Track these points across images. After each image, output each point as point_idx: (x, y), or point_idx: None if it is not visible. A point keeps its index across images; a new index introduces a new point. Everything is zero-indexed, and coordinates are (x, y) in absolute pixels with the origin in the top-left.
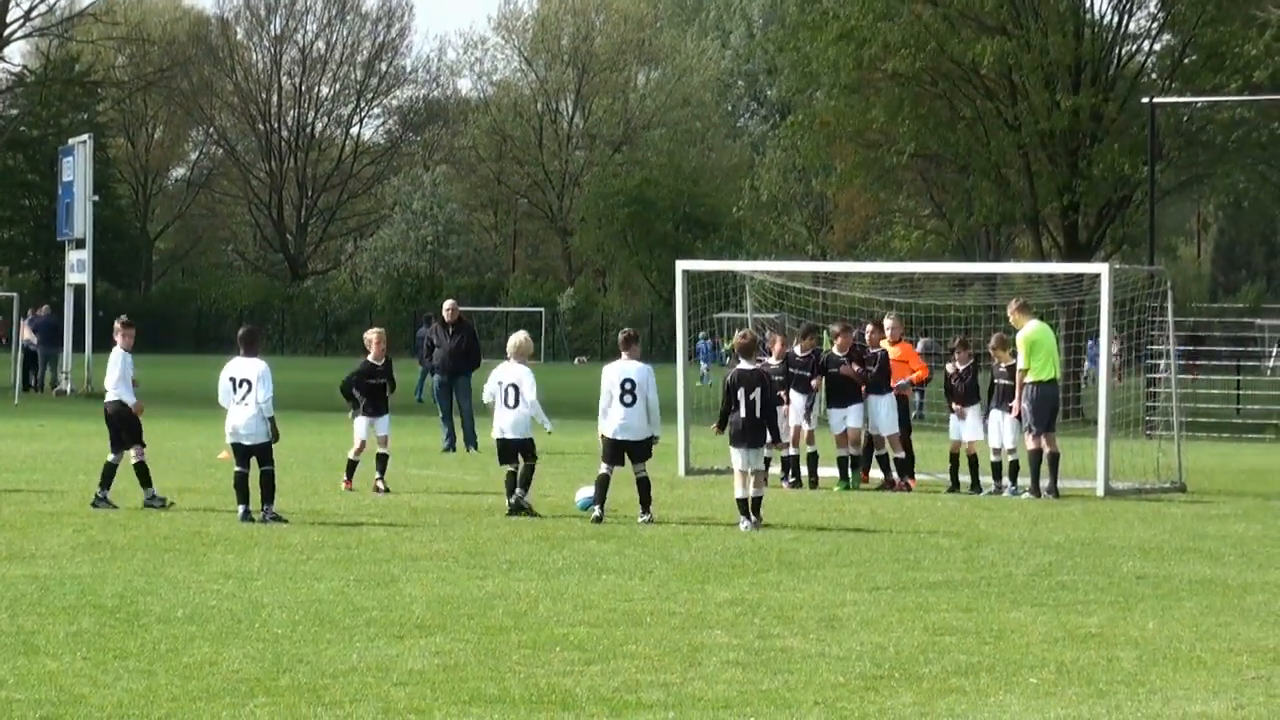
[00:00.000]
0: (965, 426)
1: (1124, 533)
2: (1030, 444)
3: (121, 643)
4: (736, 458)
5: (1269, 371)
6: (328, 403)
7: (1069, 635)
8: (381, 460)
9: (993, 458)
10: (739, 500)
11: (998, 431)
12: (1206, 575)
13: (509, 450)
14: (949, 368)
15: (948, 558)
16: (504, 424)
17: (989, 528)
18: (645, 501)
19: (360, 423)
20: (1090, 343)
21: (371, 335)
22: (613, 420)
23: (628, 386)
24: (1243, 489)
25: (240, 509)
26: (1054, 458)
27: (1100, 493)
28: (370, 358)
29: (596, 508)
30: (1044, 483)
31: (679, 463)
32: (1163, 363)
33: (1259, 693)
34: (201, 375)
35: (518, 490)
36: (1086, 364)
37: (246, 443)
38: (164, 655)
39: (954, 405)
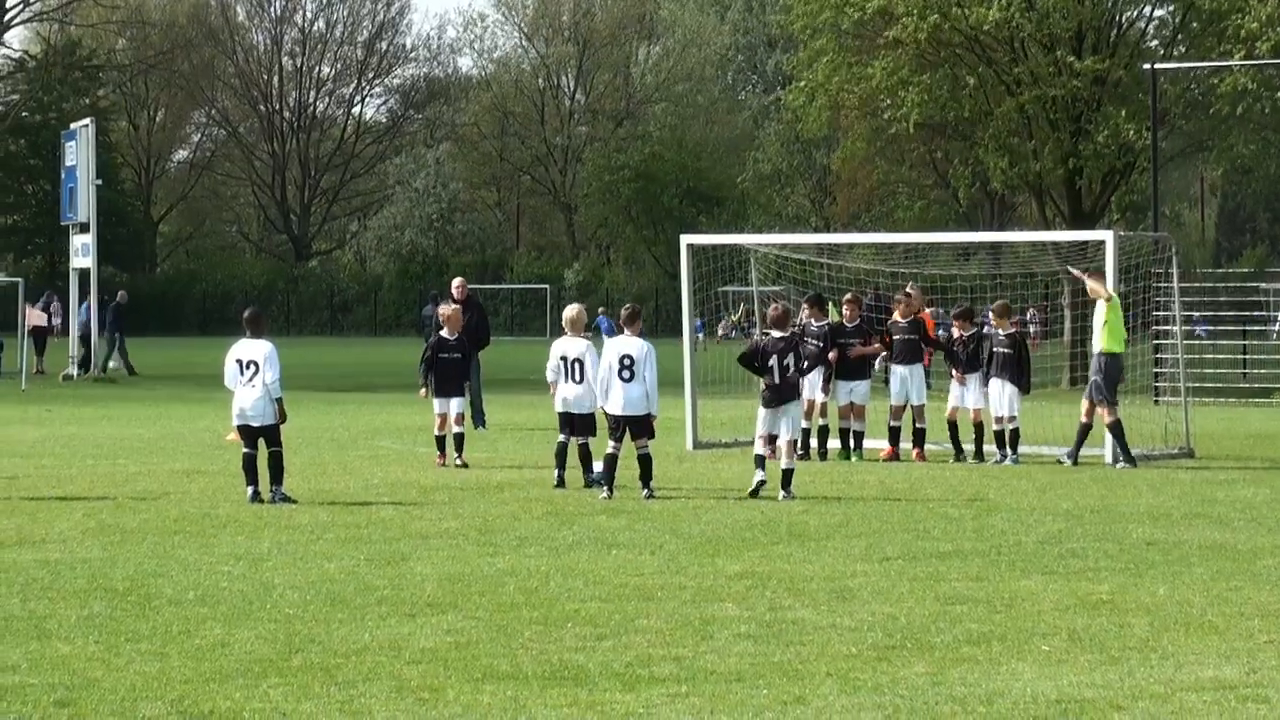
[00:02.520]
0: (968, 394)
1: (1133, 499)
2: (1108, 416)
3: (133, 625)
4: (764, 419)
5: (1275, 335)
6: (335, 383)
7: (1080, 602)
8: (459, 438)
9: (995, 426)
10: (757, 456)
11: (998, 400)
12: (1216, 540)
13: (570, 422)
14: (953, 332)
15: (958, 527)
16: (568, 396)
17: (998, 496)
18: (646, 478)
19: (436, 403)
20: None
21: (446, 311)
22: (614, 397)
23: (626, 363)
24: (1250, 453)
25: (249, 490)
26: (1115, 426)
27: (1109, 460)
28: (444, 333)
29: (605, 488)
30: (1100, 451)
31: (687, 436)
32: (1168, 328)
33: (1271, 656)
34: (208, 357)
35: (591, 471)
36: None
37: (254, 424)
38: (176, 637)
39: (954, 372)
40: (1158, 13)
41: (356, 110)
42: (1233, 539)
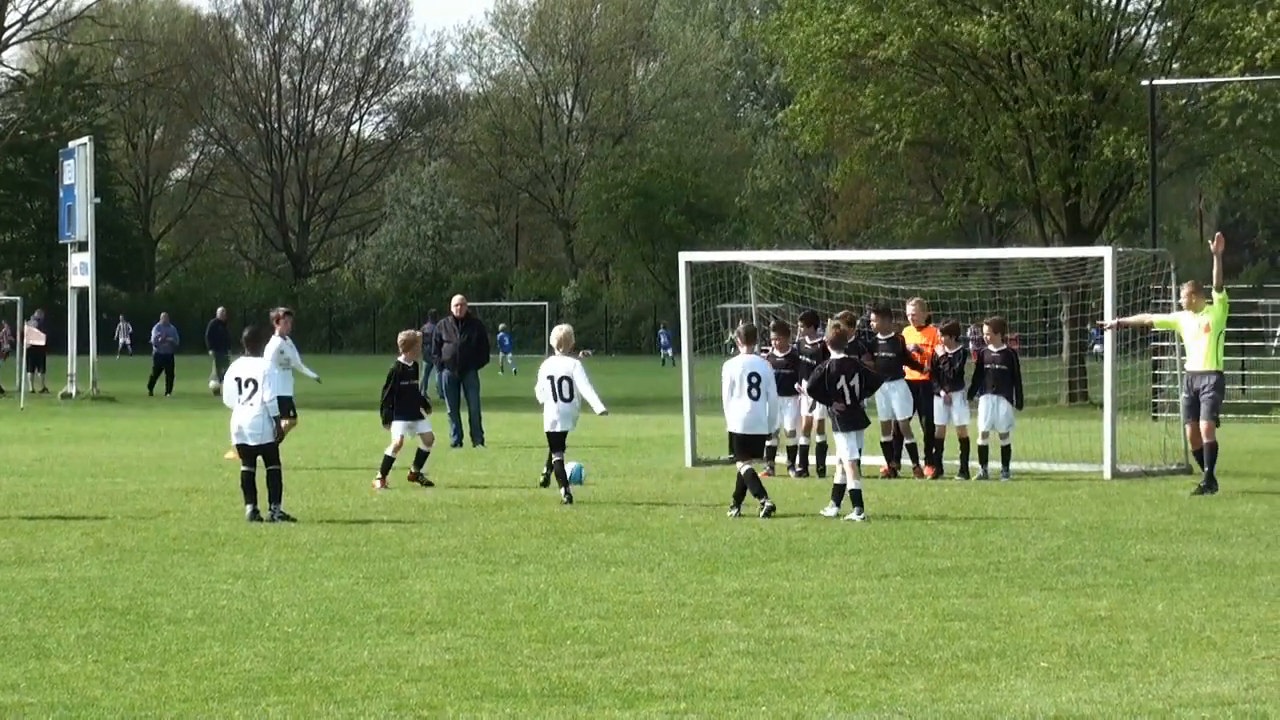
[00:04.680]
0: (954, 411)
1: (1131, 515)
2: (1208, 435)
3: (132, 644)
4: (843, 444)
5: (1274, 351)
6: (334, 401)
7: (1079, 619)
8: (421, 456)
9: (980, 441)
10: (852, 491)
11: (990, 416)
12: (1214, 556)
13: (562, 441)
14: (938, 350)
15: (956, 543)
16: (556, 416)
17: (996, 512)
18: (751, 494)
19: (398, 426)
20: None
21: (404, 337)
22: (735, 415)
23: (754, 380)
24: (1249, 469)
25: (248, 509)
26: (1214, 448)
27: (1107, 475)
28: (401, 359)
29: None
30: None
31: (685, 453)
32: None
33: (1269, 672)
34: (206, 376)
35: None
36: (1095, 346)
37: (252, 443)
38: (175, 656)
39: (941, 390)
40: (1156, 27)
41: (355, 128)
42: (1231, 555)
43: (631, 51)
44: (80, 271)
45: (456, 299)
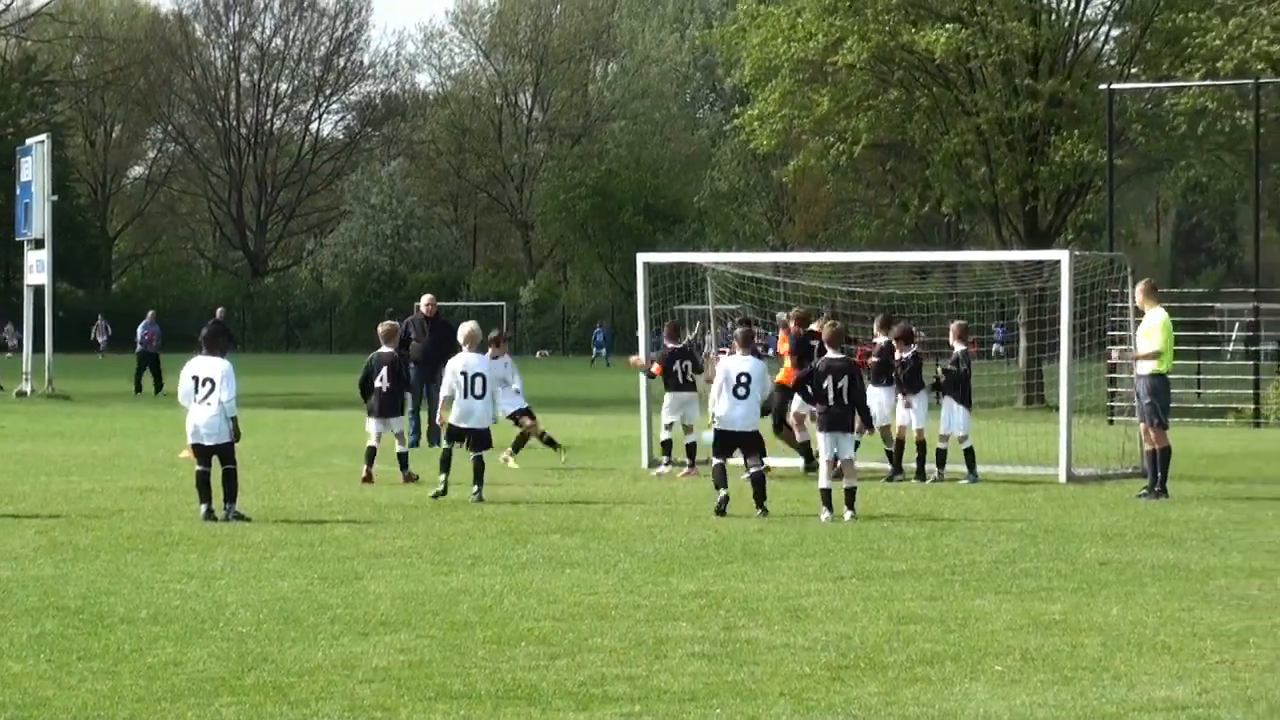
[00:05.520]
0: (914, 414)
1: (1086, 519)
2: (1157, 441)
3: (85, 644)
4: (824, 445)
5: (1229, 355)
6: (291, 400)
7: (1033, 622)
8: (402, 456)
9: (939, 444)
10: (822, 490)
11: (947, 419)
12: (1169, 560)
13: (463, 436)
14: (898, 356)
15: (911, 546)
16: (468, 411)
17: (952, 515)
18: (760, 497)
19: (371, 424)
20: (998, 328)
21: (384, 328)
22: (724, 412)
23: (743, 380)
24: (1204, 473)
25: (202, 508)
26: (1167, 452)
27: (1062, 479)
28: (383, 350)
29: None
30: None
31: (642, 455)
32: (1119, 349)
33: (1223, 677)
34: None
35: (483, 484)
36: (996, 346)
37: (208, 442)
38: (128, 656)
39: (901, 394)
40: (1114, 32)
41: (314, 127)
42: (1186, 559)
43: (591, 52)
44: (37, 269)
45: (426, 298)
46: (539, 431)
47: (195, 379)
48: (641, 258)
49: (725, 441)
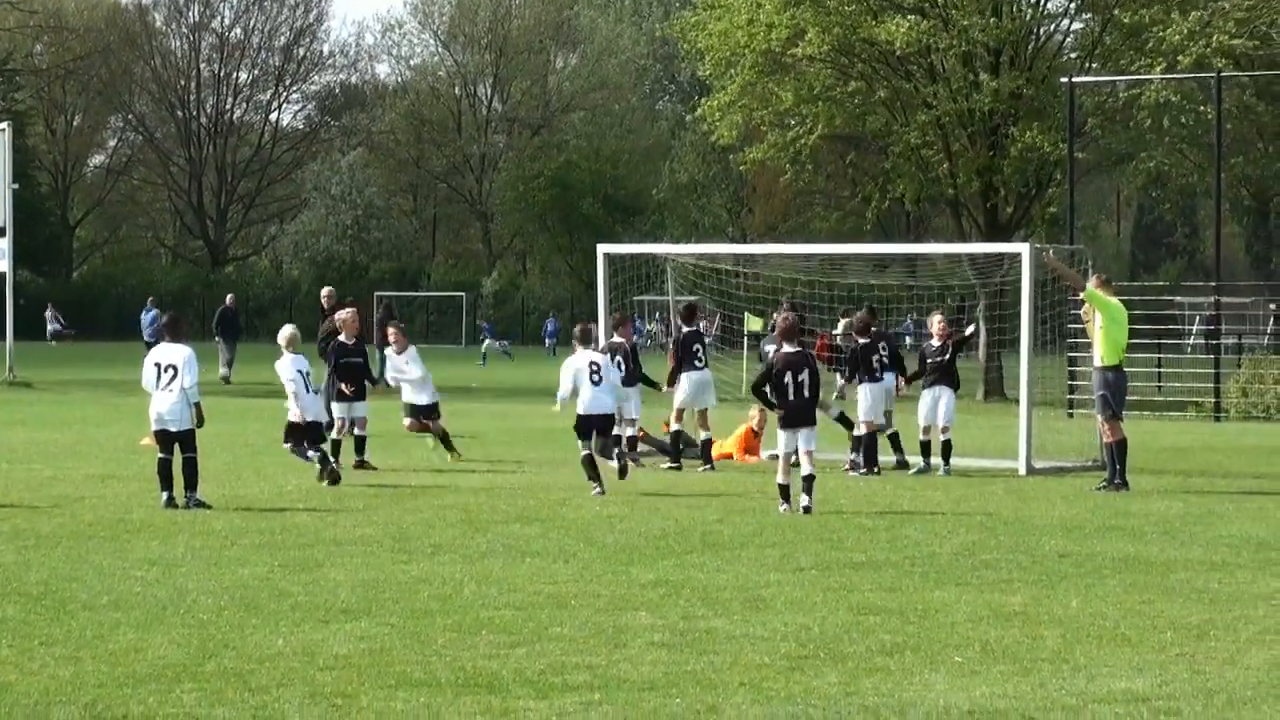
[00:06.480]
0: (865, 404)
1: (1046, 511)
2: (1111, 434)
3: (47, 630)
4: (784, 440)
5: (1189, 349)
6: (250, 389)
7: (993, 614)
8: (360, 441)
9: (921, 436)
10: (780, 485)
11: (929, 411)
12: (1129, 553)
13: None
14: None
15: (871, 538)
16: (309, 406)
17: (911, 507)
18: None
19: (337, 408)
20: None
21: (345, 315)
22: (582, 399)
23: (594, 368)
24: (1164, 467)
25: (164, 496)
26: (1123, 445)
27: (1022, 471)
28: (342, 337)
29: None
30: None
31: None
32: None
33: (1183, 669)
34: (123, 362)
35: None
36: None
37: (172, 429)
38: (90, 642)
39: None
40: (1075, 25)
41: (274, 116)
42: (1146, 552)
43: (551, 42)
44: None
45: (325, 290)
46: (439, 431)
47: (158, 365)
48: (602, 249)
49: (585, 426)
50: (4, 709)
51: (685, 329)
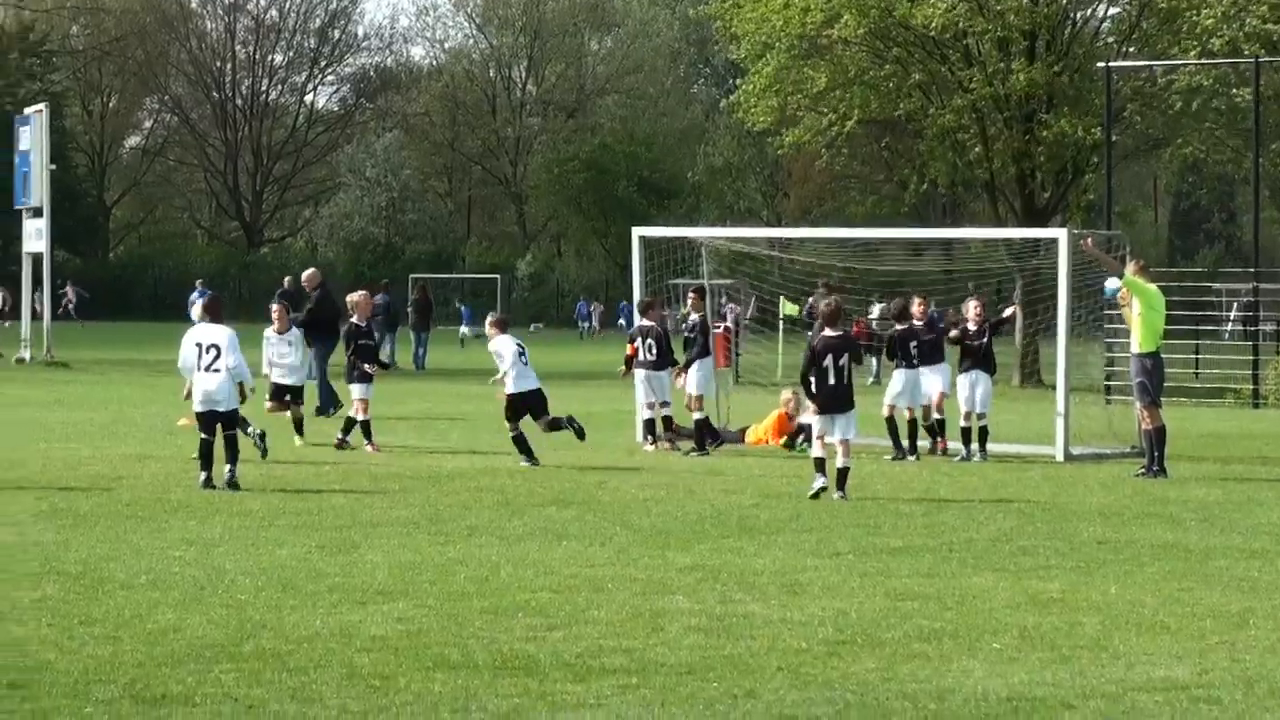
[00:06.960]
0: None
1: (1084, 497)
2: (1150, 420)
3: (86, 609)
4: (818, 424)
5: (1227, 335)
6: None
7: (1031, 600)
8: (349, 422)
9: (962, 423)
10: (816, 459)
11: (967, 396)
12: (1168, 540)
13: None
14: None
15: (908, 523)
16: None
17: (949, 493)
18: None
19: (357, 387)
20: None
21: (357, 297)
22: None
23: (522, 350)
24: (1202, 454)
25: (202, 475)
26: (1161, 431)
27: (1060, 458)
28: (355, 320)
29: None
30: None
31: (637, 429)
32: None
33: (1222, 657)
34: (160, 342)
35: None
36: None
37: (220, 409)
38: (128, 621)
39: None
40: (1112, 11)
41: (309, 98)
42: (1184, 539)
43: (585, 25)
44: (35, 238)
45: (307, 273)
46: (298, 416)
47: (199, 345)
48: (637, 232)
49: (517, 406)
50: (44, 687)
51: (643, 324)
